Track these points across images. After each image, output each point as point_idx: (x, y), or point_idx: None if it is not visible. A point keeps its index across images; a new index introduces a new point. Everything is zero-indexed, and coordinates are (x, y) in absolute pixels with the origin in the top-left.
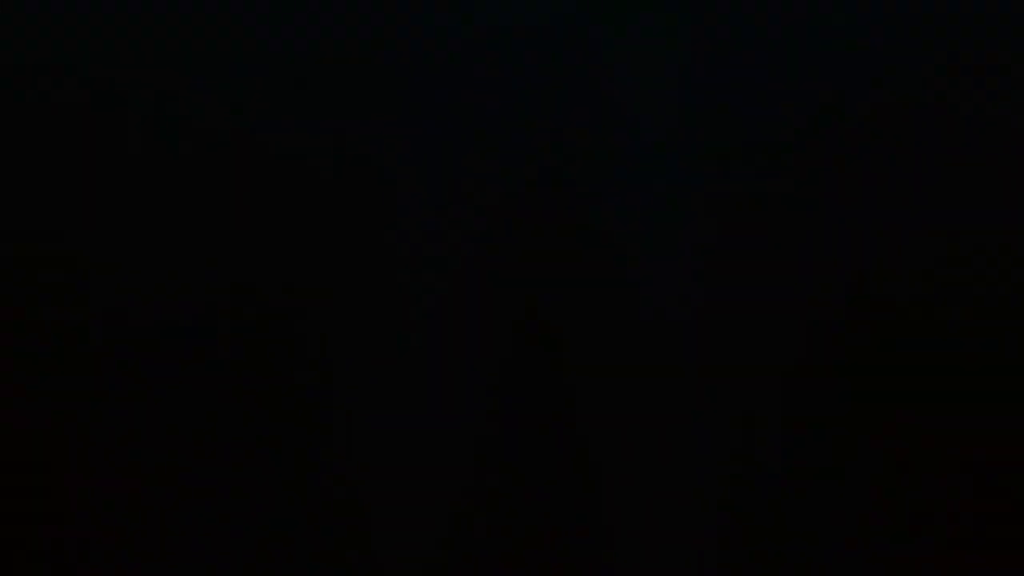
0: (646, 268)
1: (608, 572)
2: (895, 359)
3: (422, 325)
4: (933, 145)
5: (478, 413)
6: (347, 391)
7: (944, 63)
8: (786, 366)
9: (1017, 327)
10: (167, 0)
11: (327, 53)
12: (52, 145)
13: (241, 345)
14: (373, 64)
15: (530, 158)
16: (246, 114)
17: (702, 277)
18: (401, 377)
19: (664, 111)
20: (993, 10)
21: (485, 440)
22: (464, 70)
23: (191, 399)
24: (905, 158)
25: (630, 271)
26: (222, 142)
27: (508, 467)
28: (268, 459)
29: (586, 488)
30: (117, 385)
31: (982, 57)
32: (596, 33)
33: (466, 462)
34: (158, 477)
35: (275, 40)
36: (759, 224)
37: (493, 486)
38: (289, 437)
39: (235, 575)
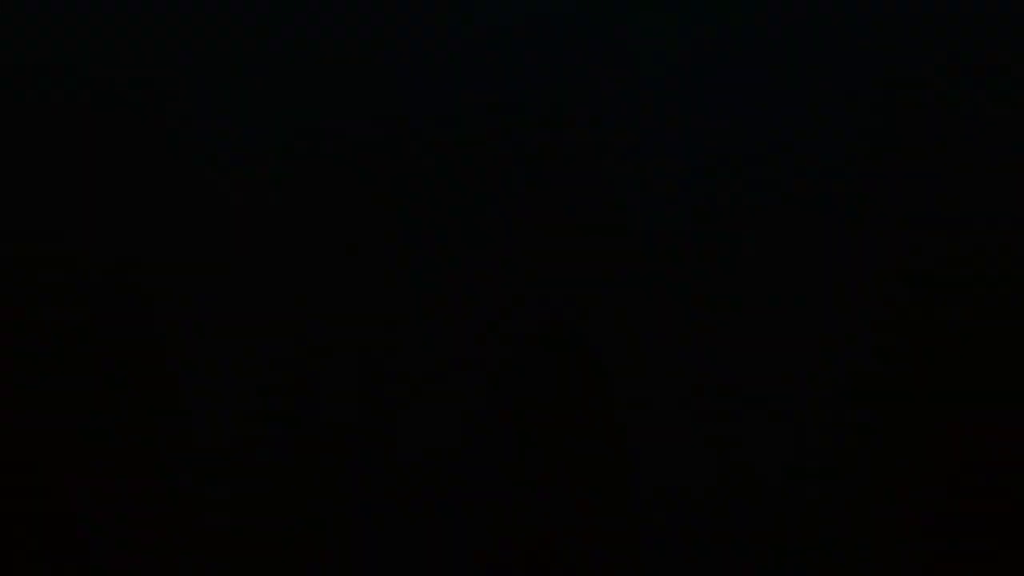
0: (670, 265)
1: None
2: (937, 363)
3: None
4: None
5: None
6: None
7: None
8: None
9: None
10: (167, 0)
11: (327, 51)
12: (52, 145)
13: (241, 346)
14: (378, 62)
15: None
16: (249, 113)
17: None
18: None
19: (674, 116)
20: (993, 10)
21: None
22: (468, 65)
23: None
24: (919, 156)
25: (655, 271)
26: (229, 143)
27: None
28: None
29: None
30: (115, 384)
31: (982, 57)
32: (601, 30)
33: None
34: (162, 476)
35: (275, 40)
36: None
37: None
38: (312, 441)
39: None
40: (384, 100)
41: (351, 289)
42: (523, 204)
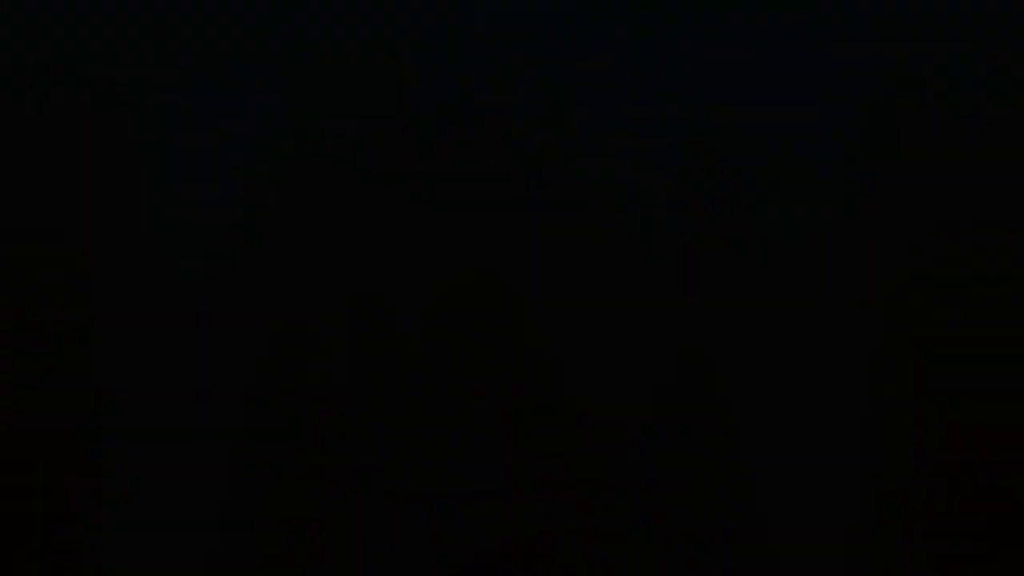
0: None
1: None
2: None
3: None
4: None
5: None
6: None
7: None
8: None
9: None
10: (167, 0)
11: (328, 52)
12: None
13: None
14: (376, 61)
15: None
16: (248, 112)
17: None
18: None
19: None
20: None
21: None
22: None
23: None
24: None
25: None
26: (228, 142)
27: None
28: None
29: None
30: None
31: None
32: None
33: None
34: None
35: (276, 40)
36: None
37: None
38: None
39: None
40: (382, 97)
41: (348, 286)
42: (522, 204)
